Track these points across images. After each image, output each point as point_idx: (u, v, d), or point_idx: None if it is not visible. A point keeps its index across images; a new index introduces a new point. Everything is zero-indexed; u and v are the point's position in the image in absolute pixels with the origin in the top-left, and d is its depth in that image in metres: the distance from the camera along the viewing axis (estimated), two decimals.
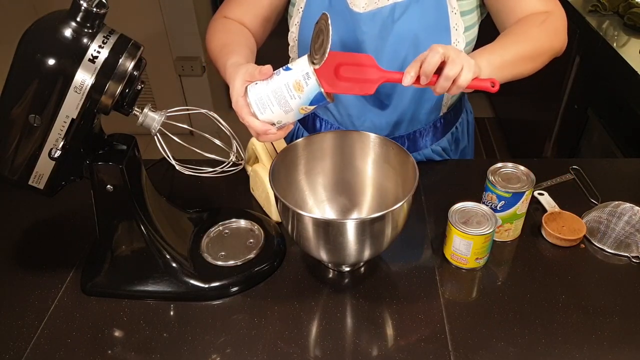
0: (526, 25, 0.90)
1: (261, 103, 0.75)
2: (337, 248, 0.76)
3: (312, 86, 0.73)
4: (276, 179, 0.79)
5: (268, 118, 0.76)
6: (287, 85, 0.73)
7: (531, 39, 0.89)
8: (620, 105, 1.56)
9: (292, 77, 0.73)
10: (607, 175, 1.07)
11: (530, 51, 0.89)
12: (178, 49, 2.60)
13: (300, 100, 0.74)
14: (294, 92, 0.73)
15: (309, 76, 0.72)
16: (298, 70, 0.73)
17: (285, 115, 0.75)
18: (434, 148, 1.11)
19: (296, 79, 0.73)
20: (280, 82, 0.74)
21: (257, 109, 0.75)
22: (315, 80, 0.72)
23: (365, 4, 0.93)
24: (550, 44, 0.91)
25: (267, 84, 0.74)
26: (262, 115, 0.76)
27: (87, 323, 0.79)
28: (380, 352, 0.74)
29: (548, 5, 0.93)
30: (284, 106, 0.74)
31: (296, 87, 0.73)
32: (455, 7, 0.92)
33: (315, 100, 0.74)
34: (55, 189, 0.77)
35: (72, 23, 0.65)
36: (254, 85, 0.76)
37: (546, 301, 0.80)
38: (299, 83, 0.72)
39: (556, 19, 0.92)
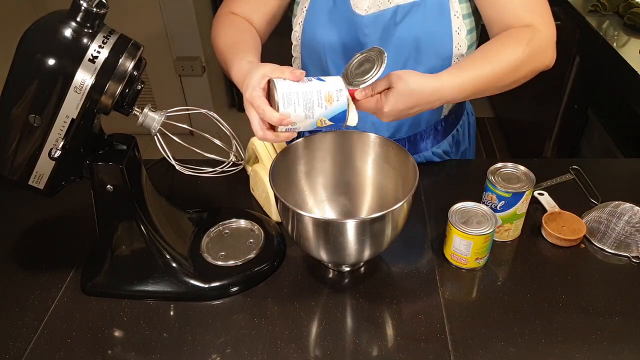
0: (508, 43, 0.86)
1: (288, 98, 0.73)
2: (337, 248, 0.76)
3: (342, 102, 0.75)
4: (276, 179, 0.79)
5: (289, 111, 0.74)
6: (318, 92, 0.73)
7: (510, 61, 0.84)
8: (620, 105, 1.56)
9: (325, 88, 0.74)
10: (607, 175, 1.07)
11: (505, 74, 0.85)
12: (178, 49, 2.60)
13: (325, 111, 0.74)
14: (324, 101, 0.73)
15: (342, 93, 0.75)
16: (332, 84, 0.75)
17: (304, 120, 0.74)
18: (434, 151, 1.11)
19: (329, 90, 0.74)
20: (312, 87, 0.74)
21: (281, 102, 0.73)
22: (346, 98, 0.75)
23: (368, 6, 0.93)
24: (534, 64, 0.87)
25: (298, 84, 0.74)
26: (284, 109, 0.73)
27: (87, 323, 0.79)
28: (380, 352, 0.74)
29: (536, 18, 0.88)
30: (308, 110, 0.73)
31: (327, 97, 0.74)
32: (458, 10, 0.91)
33: (336, 118, 0.75)
34: (55, 189, 0.77)
35: (72, 23, 0.65)
36: (283, 80, 0.74)
37: (546, 301, 0.80)
38: (330, 95, 0.74)
39: (542, 36, 0.87)
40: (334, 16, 0.95)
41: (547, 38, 0.88)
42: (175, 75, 2.66)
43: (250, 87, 0.75)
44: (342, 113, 0.75)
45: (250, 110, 0.75)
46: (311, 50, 1.01)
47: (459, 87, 0.82)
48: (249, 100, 0.75)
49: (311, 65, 1.04)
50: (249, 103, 0.75)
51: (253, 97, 0.74)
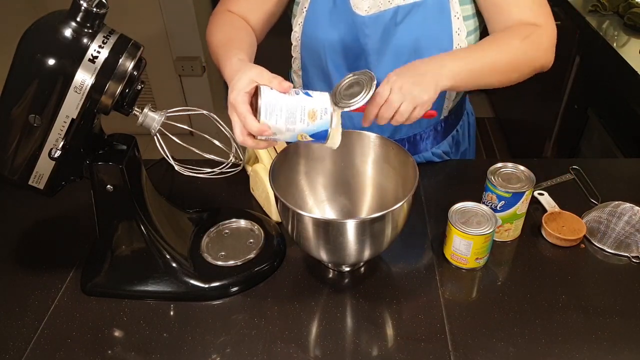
0: (507, 36, 0.88)
1: (270, 109, 0.73)
2: (337, 248, 0.76)
3: (325, 121, 0.74)
4: (276, 179, 0.79)
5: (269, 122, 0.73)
6: (302, 108, 0.73)
7: (508, 51, 0.86)
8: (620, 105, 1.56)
9: (310, 104, 0.73)
10: (607, 175, 1.07)
11: (504, 64, 0.87)
12: (178, 49, 2.60)
13: (306, 127, 0.73)
14: (306, 117, 0.73)
15: (326, 112, 0.73)
16: (319, 102, 0.74)
17: (284, 132, 0.74)
18: (434, 151, 1.11)
19: (314, 108, 0.73)
20: (297, 101, 0.73)
21: (263, 112, 0.73)
22: (329, 118, 0.74)
23: (369, 7, 0.93)
24: (531, 60, 0.88)
25: (284, 96, 0.73)
26: (265, 119, 0.73)
27: (87, 323, 0.79)
28: (380, 352, 0.74)
29: (538, 18, 0.89)
30: (290, 124, 0.73)
31: (310, 114, 0.73)
32: (458, 11, 0.91)
33: (317, 135, 0.74)
34: (55, 189, 0.77)
35: (72, 23, 0.65)
36: (270, 89, 0.73)
37: (546, 301, 0.80)
38: (314, 112, 0.73)
39: (543, 34, 0.88)
40: (334, 17, 0.95)
41: (548, 36, 0.89)
42: (175, 75, 2.66)
43: (235, 89, 0.74)
44: (323, 131, 0.74)
45: (233, 113, 0.74)
46: (311, 50, 1.01)
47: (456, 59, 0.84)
48: (232, 104, 0.74)
49: (311, 66, 1.04)
50: (232, 106, 0.74)
51: (237, 102, 0.73)
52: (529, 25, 0.89)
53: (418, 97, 0.78)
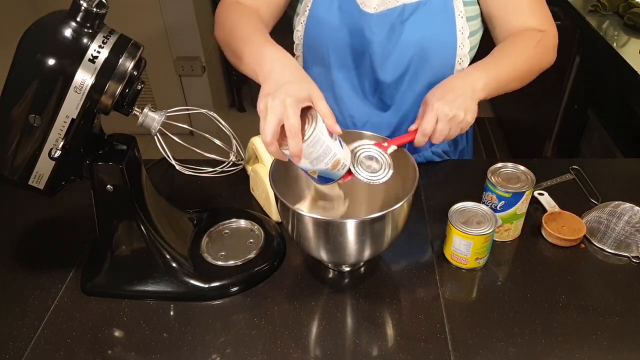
0: (521, 43, 0.92)
1: (315, 140, 0.70)
2: (337, 248, 0.76)
3: (338, 175, 0.76)
4: (276, 179, 0.79)
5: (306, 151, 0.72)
6: (333, 155, 0.73)
7: (525, 59, 0.91)
8: (620, 105, 1.56)
9: (339, 155, 0.74)
10: (607, 175, 1.07)
11: (522, 71, 0.92)
12: (178, 49, 2.60)
13: (324, 170, 0.74)
14: (330, 164, 0.74)
15: (344, 168, 0.75)
16: (345, 156, 0.75)
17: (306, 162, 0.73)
18: (433, 150, 1.11)
19: (340, 159, 0.74)
20: (333, 147, 0.73)
21: (309, 140, 0.70)
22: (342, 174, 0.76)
23: (377, 4, 0.93)
24: (540, 63, 0.94)
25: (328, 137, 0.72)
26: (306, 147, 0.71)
27: (87, 323, 0.79)
28: (380, 352, 0.74)
29: (543, 23, 0.94)
30: (317, 161, 0.73)
31: (335, 163, 0.74)
32: (462, 11, 0.93)
33: (323, 179, 0.76)
34: (55, 189, 0.77)
35: (72, 23, 0.65)
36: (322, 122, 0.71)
37: (546, 301, 0.80)
38: (338, 163, 0.74)
39: (549, 38, 0.94)
40: (339, 15, 0.95)
41: (553, 40, 0.95)
42: (175, 75, 2.66)
43: (291, 96, 0.67)
44: (331, 180, 0.76)
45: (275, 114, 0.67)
46: (314, 49, 1.01)
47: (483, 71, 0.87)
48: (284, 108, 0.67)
49: (313, 64, 1.03)
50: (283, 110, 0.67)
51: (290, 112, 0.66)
52: (536, 31, 0.93)
53: (464, 121, 0.84)
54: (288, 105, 0.67)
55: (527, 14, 0.94)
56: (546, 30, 0.94)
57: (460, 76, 0.88)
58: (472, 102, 0.84)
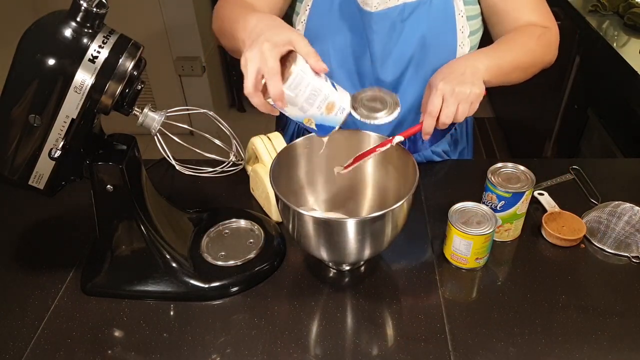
0: (525, 36, 0.93)
1: (298, 81, 0.68)
2: (337, 247, 0.76)
3: (337, 120, 0.73)
4: (276, 178, 0.79)
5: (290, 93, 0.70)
6: (325, 96, 0.71)
7: (527, 51, 0.92)
8: (620, 105, 1.56)
9: (333, 96, 0.71)
10: (607, 175, 1.07)
11: (524, 62, 0.92)
12: (178, 49, 2.60)
13: (319, 115, 0.72)
14: (324, 106, 0.71)
15: (343, 111, 0.72)
16: (341, 98, 0.72)
17: (296, 109, 0.71)
18: (433, 149, 1.11)
19: (335, 101, 0.71)
20: (323, 87, 0.70)
21: (290, 81, 0.68)
22: (342, 119, 0.73)
23: (378, 3, 0.93)
24: (542, 57, 0.95)
25: (314, 76, 0.70)
26: (288, 89, 0.69)
27: (87, 323, 0.79)
28: (380, 352, 0.74)
29: (545, 21, 0.95)
30: (307, 104, 0.70)
31: (329, 106, 0.71)
32: (462, 10, 0.93)
33: (322, 128, 0.74)
34: (55, 189, 0.77)
35: (72, 23, 0.65)
36: (304, 62, 0.69)
37: (546, 301, 0.80)
38: (333, 105, 0.71)
39: (551, 35, 0.95)
40: (339, 14, 0.96)
41: (555, 36, 0.96)
42: (175, 75, 2.66)
43: (270, 41, 0.67)
44: (330, 127, 0.74)
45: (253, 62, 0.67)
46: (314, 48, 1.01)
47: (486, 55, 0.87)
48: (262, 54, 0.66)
49: None
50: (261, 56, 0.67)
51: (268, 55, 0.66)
52: (538, 26, 0.94)
53: (472, 93, 0.81)
54: (265, 50, 0.66)
55: (528, 11, 0.95)
56: (549, 27, 0.95)
57: (462, 59, 0.88)
58: (475, 78, 0.83)
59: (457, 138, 1.15)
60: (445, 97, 0.82)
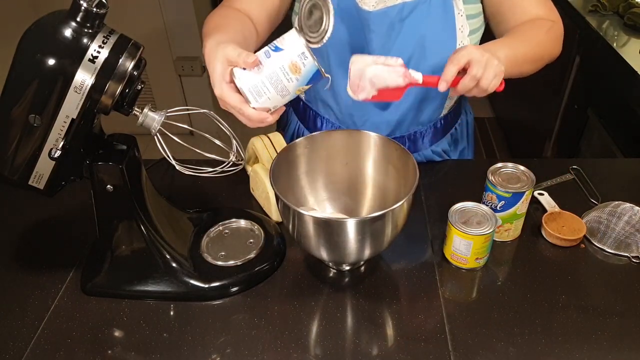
0: (535, 29, 0.93)
1: (255, 90, 0.69)
2: (337, 247, 0.76)
3: (310, 65, 0.69)
4: (276, 178, 0.79)
5: (264, 105, 0.71)
6: (282, 69, 0.69)
7: (537, 43, 0.92)
8: (620, 105, 1.56)
9: (287, 59, 0.69)
10: (607, 175, 1.07)
11: (535, 55, 0.92)
12: (178, 49, 2.59)
13: (297, 82, 0.70)
14: (291, 74, 0.69)
15: (306, 56, 0.68)
16: (292, 50, 0.68)
17: (282, 98, 0.71)
18: (433, 149, 1.11)
19: (292, 60, 0.68)
20: (274, 66, 0.69)
21: (251, 97, 0.70)
22: (312, 59, 0.69)
23: (376, 2, 0.93)
24: (551, 51, 0.95)
25: (259, 69, 0.69)
26: (257, 103, 0.70)
27: (87, 323, 0.79)
28: (380, 352, 0.74)
29: (551, 14, 0.96)
30: (281, 91, 0.70)
31: (292, 69, 0.68)
32: (462, 9, 0.93)
33: (312, 79, 0.71)
34: (55, 189, 0.77)
35: (72, 23, 0.65)
36: (242, 71, 0.70)
37: (546, 301, 0.80)
38: (295, 64, 0.68)
39: (558, 28, 0.97)
40: (338, 13, 0.95)
41: (561, 30, 0.97)
42: (175, 75, 2.66)
43: (216, 83, 0.72)
44: (316, 73, 0.70)
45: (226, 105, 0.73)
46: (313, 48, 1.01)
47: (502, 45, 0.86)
48: (222, 99, 0.72)
49: None
50: (223, 101, 0.72)
51: (225, 96, 0.71)
52: (546, 20, 0.95)
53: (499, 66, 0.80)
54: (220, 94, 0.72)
55: (535, 5, 0.95)
56: (555, 21, 0.96)
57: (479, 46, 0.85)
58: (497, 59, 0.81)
59: (457, 138, 1.15)
60: (472, 60, 0.78)
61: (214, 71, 0.72)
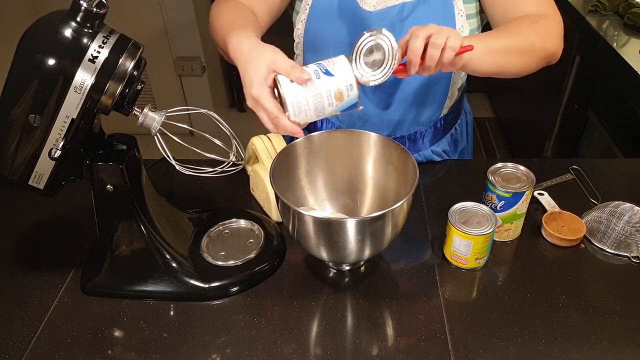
0: (517, 22, 0.90)
1: (297, 105, 0.70)
2: (337, 247, 0.76)
3: (353, 97, 0.71)
4: (276, 178, 0.79)
5: (298, 119, 0.72)
6: (328, 93, 0.70)
7: (520, 34, 0.87)
8: (620, 105, 1.56)
9: (334, 85, 0.70)
10: (607, 175, 1.07)
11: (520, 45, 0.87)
12: (178, 49, 2.59)
13: (336, 107, 0.72)
14: (334, 100, 0.70)
15: (352, 88, 0.71)
16: (341, 79, 0.70)
17: (315, 117, 0.72)
18: (433, 149, 1.11)
19: (339, 88, 0.70)
20: (321, 88, 0.70)
21: (291, 110, 0.70)
22: (357, 92, 0.71)
23: (376, 2, 0.93)
24: (541, 44, 0.90)
25: (306, 87, 0.70)
26: (295, 117, 0.71)
27: (87, 323, 0.79)
28: (380, 352, 0.74)
29: (545, 9, 0.93)
30: (319, 111, 0.71)
31: (337, 96, 0.70)
32: (462, 9, 0.93)
33: (347, 109, 0.73)
34: (55, 189, 0.77)
35: (72, 23, 0.65)
36: (289, 83, 0.70)
37: (546, 301, 0.80)
38: (341, 93, 0.70)
39: (550, 22, 0.92)
40: (339, 13, 0.95)
41: (556, 25, 0.93)
42: (175, 75, 2.66)
43: (256, 83, 0.71)
44: (353, 105, 0.72)
45: (259, 109, 0.73)
46: (314, 47, 1.01)
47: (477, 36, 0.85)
48: (257, 100, 0.72)
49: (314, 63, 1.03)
50: (257, 102, 0.72)
51: (262, 98, 0.71)
52: (533, 15, 0.91)
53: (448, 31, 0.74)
54: (257, 96, 0.71)
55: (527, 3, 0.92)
56: (548, 16, 0.92)
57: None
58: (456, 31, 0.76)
59: (457, 138, 1.15)
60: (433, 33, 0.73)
61: (256, 71, 0.71)
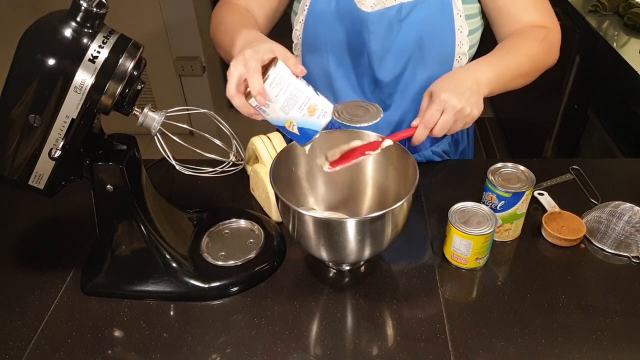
0: (526, 40, 0.91)
1: (279, 80, 0.71)
2: (337, 247, 0.76)
3: (319, 123, 0.74)
4: (276, 178, 0.79)
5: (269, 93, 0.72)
6: (307, 98, 0.72)
7: (530, 56, 0.90)
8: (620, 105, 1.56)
9: (315, 100, 0.73)
10: (607, 175, 1.07)
11: (527, 69, 0.91)
12: (178, 49, 2.60)
13: (301, 118, 0.73)
14: (306, 108, 0.72)
15: (325, 115, 0.73)
16: (323, 103, 0.73)
17: (278, 110, 0.73)
18: (434, 150, 1.11)
19: (317, 104, 0.73)
20: (305, 89, 0.73)
21: (270, 79, 0.71)
22: (324, 123, 0.74)
23: (374, 3, 0.93)
24: (545, 61, 0.93)
25: (295, 78, 0.72)
26: (269, 86, 0.71)
27: (87, 323, 0.79)
28: (380, 352, 0.74)
29: (546, 20, 0.94)
30: (288, 105, 0.72)
31: (311, 108, 0.72)
32: (461, 9, 0.92)
33: (304, 132, 0.74)
34: (55, 189, 0.77)
35: (72, 23, 0.65)
36: (285, 66, 0.72)
37: (546, 301, 0.80)
38: (315, 108, 0.72)
39: (553, 36, 0.94)
40: (337, 14, 0.96)
41: (556, 37, 0.95)
42: (175, 75, 2.66)
43: (253, 49, 0.72)
44: (312, 131, 0.74)
45: (237, 67, 0.72)
46: (313, 48, 1.01)
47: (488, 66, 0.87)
48: (245, 58, 0.71)
49: (312, 64, 1.03)
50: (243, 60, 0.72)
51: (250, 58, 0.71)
52: (539, 28, 0.93)
53: (472, 114, 0.83)
54: (247, 55, 0.71)
55: (530, 9, 0.93)
56: (549, 27, 0.94)
57: (464, 69, 0.87)
58: (478, 96, 0.83)
59: (458, 139, 1.15)
60: (446, 110, 0.82)
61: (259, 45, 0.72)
